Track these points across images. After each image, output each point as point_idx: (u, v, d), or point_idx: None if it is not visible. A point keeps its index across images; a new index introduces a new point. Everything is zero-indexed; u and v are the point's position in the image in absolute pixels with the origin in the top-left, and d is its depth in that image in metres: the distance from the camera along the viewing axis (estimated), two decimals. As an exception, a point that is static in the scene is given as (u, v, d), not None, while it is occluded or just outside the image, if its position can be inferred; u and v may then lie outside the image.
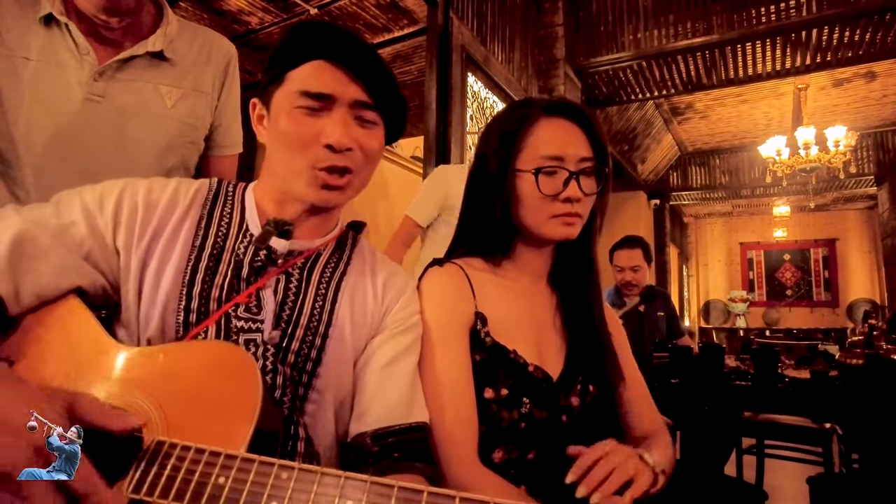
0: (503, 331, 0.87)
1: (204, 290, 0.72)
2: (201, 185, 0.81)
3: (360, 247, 0.87)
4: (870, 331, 2.31)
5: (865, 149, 6.47)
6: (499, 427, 0.83)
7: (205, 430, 0.55)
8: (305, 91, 0.72)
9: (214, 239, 0.76)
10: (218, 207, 0.79)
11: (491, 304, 0.88)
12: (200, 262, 0.74)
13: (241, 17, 3.63)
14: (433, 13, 2.75)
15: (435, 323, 0.84)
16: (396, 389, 0.76)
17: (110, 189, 0.75)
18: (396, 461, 0.71)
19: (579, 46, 3.97)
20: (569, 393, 0.88)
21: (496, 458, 0.83)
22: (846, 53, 3.83)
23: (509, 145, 0.89)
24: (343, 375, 0.77)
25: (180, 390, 0.60)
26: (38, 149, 0.96)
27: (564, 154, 0.86)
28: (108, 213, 0.73)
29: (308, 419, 0.73)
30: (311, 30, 0.75)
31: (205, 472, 0.50)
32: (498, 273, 0.93)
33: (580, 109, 0.90)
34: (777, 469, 3.28)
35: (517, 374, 0.84)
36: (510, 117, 0.92)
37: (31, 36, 0.96)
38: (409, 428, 0.74)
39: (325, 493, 0.48)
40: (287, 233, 0.76)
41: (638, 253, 2.71)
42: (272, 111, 0.75)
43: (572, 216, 0.86)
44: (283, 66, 0.74)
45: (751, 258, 9.66)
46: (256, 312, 0.73)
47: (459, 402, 0.80)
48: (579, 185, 0.86)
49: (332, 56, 0.73)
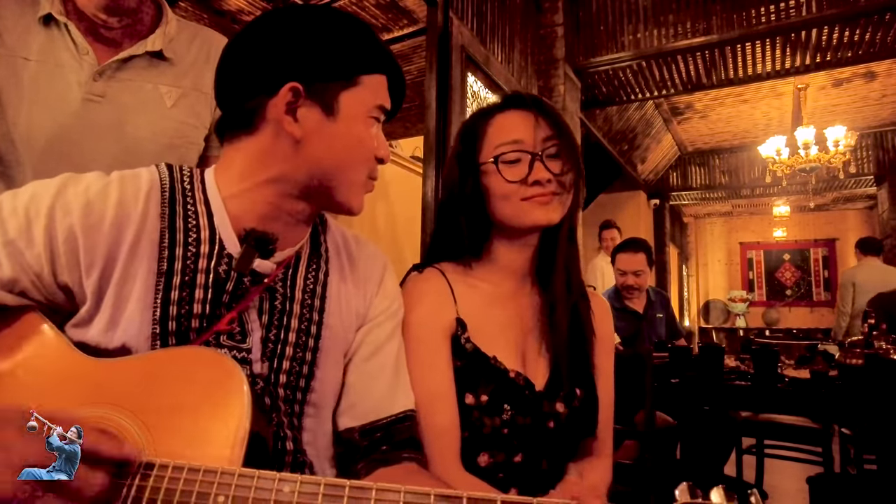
0: (484, 336, 0.86)
1: (181, 327, 0.64)
2: (151, 183, 0.68)
3: (331, 231, 0.82)
4: (869, 331, 2.30)
5: (865, 149, 6.46)
6: (481, 433, 0.82)
7: (192, 446, 0.52)
8: (383, 106, 0.72)
9: (184, 263, 0.65)
10: (179, 217, 0.67)
11: (472, 309, 0.88)
12: (171, 293, 0.64)
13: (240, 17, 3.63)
14: (433, 13, 2.74)
15: (415, 330, 0.84)
16: (381, 381, 0.76)
17: (37, 209, 0.61)
18: (385, 454, 0.71)
19: (579, 46, 3.96)
20: (554, 399, 0.86)
21: (481, 463, 0.82)
22: (846, 53, 3.83)
23: (469, 145, 0.90)
24: (336, 382, 0.75)
25: (161, 402, 0.56)
26: (37, 149, 0.96)
27: (521, 137, 0.86)
28: (39, 246, 0.61)
29: (308, 434, 0.72)
30: (375, 37, 0.73)
31: (201, 492, 0.47)
32: (479, 277, 0.92)
33: (533, 98, 0.91)
34: (777, 469, 3.28)
35: (498, 381, 0.83)
36: (469, 120, 0.94)
37: (31, 36, 0.96)
38: (395, 419, 0.74)
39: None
40: (271, 251, 0.68)
41: (641, 257, 2.70)
42: (342, 113, 0.67)
43: (545, 196, 0.85)
44: (355, 67, 0.69)
45: (750, 258, 9.65)
46: (241, 340, 0.67)
47: (440, 409, 0.80)
48: (545, 166, 0.85)
49: (392, 75, 0.74)
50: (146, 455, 0.51)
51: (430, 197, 2.65)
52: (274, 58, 0.66)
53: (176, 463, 0.49)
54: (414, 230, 2.82)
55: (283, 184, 0.68)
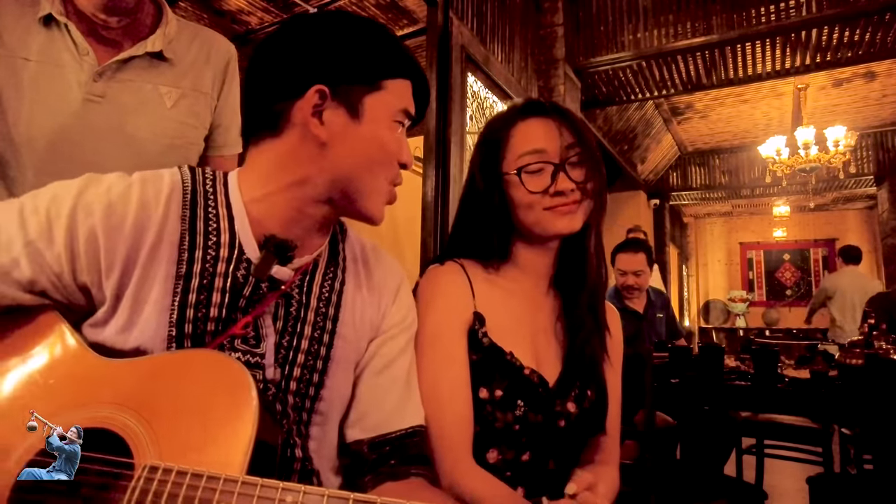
0: (501, 332, 0.87)
1: (197, 329, 0.64)
2: (173, 186, 0.68)
3: (350, 240, 0.83)
4: (869, 331, 2.30)
5: (865, 149, 6.47)
6: (493, 427, 0.83)
7: (199, 447, 0.52)
8: (407, 110, 0.72)
9: (202, 265, 0.65)
10: (200, 220, 0.67)
11: (490, 304, 0.88)
12: (189, 296, 0.64)
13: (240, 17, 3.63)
14: (433, 13, 2.74)
15: (434, 321, 0.84)
16: (392, 394, 0.75)
17: (58, 210, 0.62)
18: (394, 468, 0.71)
19: (579, 46, 3.96)
20: (566, 399, 0.87)
21: (490, 459, 0.83)
22: (846, 53, 3.83)
23: (492, 154, 0.90)
24: (345, 392, 0.75)
25: (169, 405, 0.56)
26: (37, 149, 0.96)
27: (544, 147, 0.86)
28: (60, 247, 0.61)
29: (313, 443, 0.71)
30: (399, 43, 0.74)
31: (204, 498, 0.47)
32: (498, 275, 0.92)
33: (553, 105, 0.91)
34: (777, 469, 3.28)
35: (512, 377, 0.84)
36: (490, 128, 0.94)
37: (31, 36, 0.96)
38: (404, 434, 0.74)
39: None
40: (290, 258, 0.69)
41: (641, 257, 2.70)
42: (366, 117, 0.68)
43: (567, 205, 0.86)
44: (379, 71, 0.69)
45: (750, 258, 9.65)
46: (255, 345, 0.67)
47: (456, 401, 0.80)
48: (568, 176, 0.85)
49: (416, 80, 0.74)
50: (151, 457, 0.51)
51: (430, 197, 2.65)
52: (301, 61, 0.67)
53: (180, 468, 0.49)
54: (414, 230, 2.81)
55: (307, 187, 0.68)
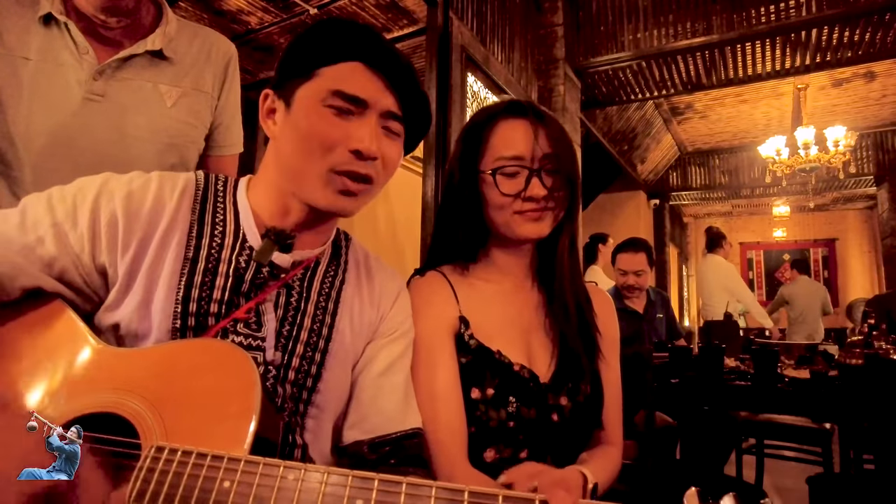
0: (488, 333, 0.87)
1: (201, 309, 0.68)
2: (187, 182, 0.75)
3: (354, 247, 0.86)
4: (869, 331, 2.31)
5: (865, 149, 6.47)
6: (488, 427, 0.83)
7: (204, 432, 0.54)
8: (340, 91, 0.69)
9: (208, 251, 0.71)
10: (209, 213, 0.73)
11: (474, 307, 0.89)
12: (195, 277, 0.69)
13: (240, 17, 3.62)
14: (433, 13, 2.74)
15: (420, 331, 0.85)
16: (392, 397, 0.76)
17: (83, 196, 0.68)
18: (393, 467, 0.71)
19: (579, 46, 3.96)
20: (558, 393, 0.87)
21: (488, 458, 0.83)
22: (846, 53, 3.83)
23: (471, 150, 0.91)
24: (342, 388, 0.76)
25: (176, 391, 0.58)
26: (37, 148, 0.96)
27: (521, 152, 0.87)
28: (83, 227, 0.67)
29: (309, 435, 0.72)
30: (350, 29, 0.72)
31: (208, 476, 0.49)
32: (479, 277, 0.93)
33: (533, 107, 0.91)
34: (777, 469, 3.28)
35: (503, 374, 0.85)
36: (472, 123, 0.94)
37: (31, 35, 0.96)
38: (404, 435, 0.74)
39: (333, 493, 0.48)
40: (289, 246, 0.73)
41: (642, 257, 2.70)
42: (294, 106, 0.70)
43: (537, 212, 0.87)
44: (313, 61, 0.70)
45: (750, 258, 9.65)
46: (256, 329, 0.70)
47: (447, 407, 0.81)
48: (542, 182, 0.86)
49: (372, 61, 0.71)
50: (158, 439, 0.53)
51: (430, 197, 2.65)
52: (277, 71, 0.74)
53: (185, 448, 0.51)
54: (414, 230, 2.82)
55: (277, 182, 0.74)
